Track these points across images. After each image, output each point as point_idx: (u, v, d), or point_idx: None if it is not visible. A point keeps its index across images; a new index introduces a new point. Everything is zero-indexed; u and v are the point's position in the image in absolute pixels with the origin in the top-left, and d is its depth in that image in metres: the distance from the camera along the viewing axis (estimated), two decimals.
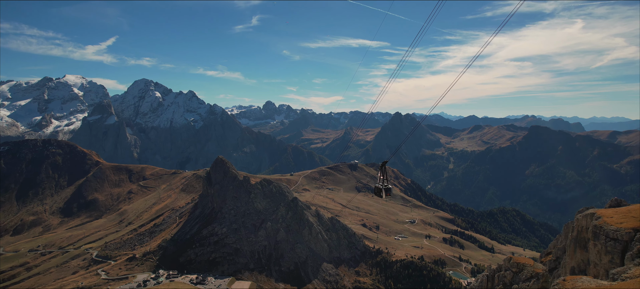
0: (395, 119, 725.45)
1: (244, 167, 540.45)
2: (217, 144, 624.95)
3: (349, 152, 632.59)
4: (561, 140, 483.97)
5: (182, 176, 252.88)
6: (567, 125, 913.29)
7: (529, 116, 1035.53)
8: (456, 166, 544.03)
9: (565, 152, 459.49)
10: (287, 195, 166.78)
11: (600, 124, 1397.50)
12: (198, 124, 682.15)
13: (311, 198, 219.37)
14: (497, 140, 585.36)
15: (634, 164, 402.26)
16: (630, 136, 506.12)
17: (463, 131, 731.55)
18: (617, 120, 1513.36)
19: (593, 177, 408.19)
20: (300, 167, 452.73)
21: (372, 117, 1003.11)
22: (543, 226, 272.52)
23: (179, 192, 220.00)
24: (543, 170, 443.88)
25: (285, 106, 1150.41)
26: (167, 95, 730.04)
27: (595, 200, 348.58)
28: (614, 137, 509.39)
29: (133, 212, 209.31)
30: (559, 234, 57.24)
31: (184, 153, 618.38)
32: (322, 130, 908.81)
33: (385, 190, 35.70)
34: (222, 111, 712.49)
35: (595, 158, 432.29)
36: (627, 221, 44.91)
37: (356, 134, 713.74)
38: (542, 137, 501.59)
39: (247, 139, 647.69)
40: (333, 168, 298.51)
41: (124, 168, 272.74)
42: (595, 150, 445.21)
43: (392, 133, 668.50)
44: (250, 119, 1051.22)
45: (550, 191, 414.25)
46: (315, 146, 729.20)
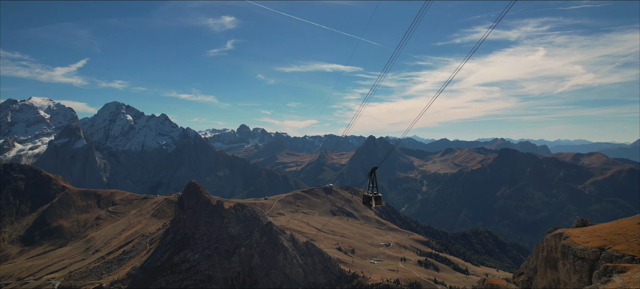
0: (369, 143, 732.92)
1: (218, 191, 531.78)
2: (190, 168, 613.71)
3: (324, 175, 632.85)
4: (529, 162, 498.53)
5: (154, 200, 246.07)
6: (535, 147, 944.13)
7: (498, 138, 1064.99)
8: (429, 188, 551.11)
9: (534, 174, 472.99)
10: (262, 219, 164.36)
11: (564, 146, 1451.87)
12: (170, 147, 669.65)
13: (286, 222, 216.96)
14: (469, 162, 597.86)
15: (596, 185, 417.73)
16: (592, 157, 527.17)
17: (435, 154, 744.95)
18: (579, 142, 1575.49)
19: (560, 198, 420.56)
20: (274, 191, 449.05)
21: (347, 141, 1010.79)
22: (515, 247, 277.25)
23: (150, 218, 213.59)
24: (513, 191, 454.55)
25: (259, 130, 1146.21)
26: (139, 118, 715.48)
27: (563, 220, 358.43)
28: (577, 159, 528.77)
29: (101, 239, 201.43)
30: (530, 255, 58.20)
31: (155, 177, 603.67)
32: (296, 153, 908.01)
33: (375, 198, 34.47)
34: (195, 134, 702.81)
35: (561, 179, 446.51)
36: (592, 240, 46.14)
37: (331, 158, 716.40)
38: (511, 160, 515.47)
39: (220, 163, 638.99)
40: (308, 192, 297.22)
41: (92, 193, 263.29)
42: (560, 172, 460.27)
43: (367, 156, 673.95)
44: (224, 142, 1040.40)
45: (520, 212, 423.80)
46: (290, 169, 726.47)
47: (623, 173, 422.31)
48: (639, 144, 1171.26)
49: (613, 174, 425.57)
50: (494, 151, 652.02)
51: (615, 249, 42.96)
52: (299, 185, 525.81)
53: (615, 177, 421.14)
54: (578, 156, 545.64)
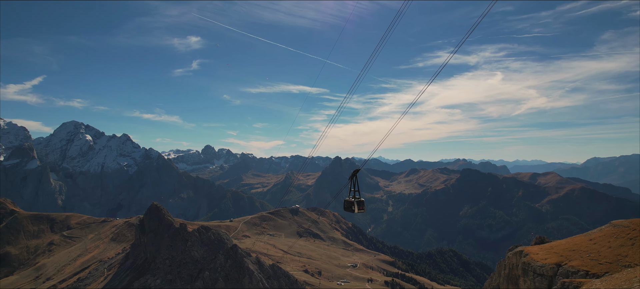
0: (336, 163, 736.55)
1: (181, 213, 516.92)
2: (152, 190, 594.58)
3: (290, 196, 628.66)
4: (490, 182, 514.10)
5: (113, 224, 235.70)
6: (495, 168, 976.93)
7: (460, 159, 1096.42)
8: (395, 208, 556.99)
9: (494, 194, 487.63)
10: (226, 242, 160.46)
11: (522, 166, 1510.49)
12: (132, 168, 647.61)
13: (251, 245, 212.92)
14: (433, 183, 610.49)
15: (552, 203, 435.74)
16: (548, 177, 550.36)
17: (400, 175, 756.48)
18: (536, 163, 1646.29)
19: (519, 217, 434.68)
20: (240, 213, 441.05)
21: (313, 162, 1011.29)
22: (478, 265, 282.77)
23: (109, 242, 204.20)
24: (475, 211, 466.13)
25: (225, 150, 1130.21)
26: (99, 138, 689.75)
27: (523, 238, 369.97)
28: (534, 179, 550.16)
29: (53, 266, 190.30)
30: (493, 273, 59.30)
31: (115, 200, 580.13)
32: (262, 174, 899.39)
33: (358, 203, 32.70)
34: (158, 155, 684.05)
35: (520, 198, 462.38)
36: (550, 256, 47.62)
37: (297, 178, 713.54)
38: (473, 180, 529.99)
39: (184, 184, 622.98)
40: (274, 213, 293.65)
41: (44, 217, 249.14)
42: (519, 191, 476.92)
43: (333, 177, 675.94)
44: (189, 163, 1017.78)
45: (483, 231, 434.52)
46: (256, 190, 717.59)
47: (575, 192, 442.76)
48: (588, 164, 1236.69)
49: (567, 193, 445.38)
50: (457, 171, 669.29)
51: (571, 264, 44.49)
52: (265, 206, 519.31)
53: (568, 195, 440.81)
54: (535, 176, 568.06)
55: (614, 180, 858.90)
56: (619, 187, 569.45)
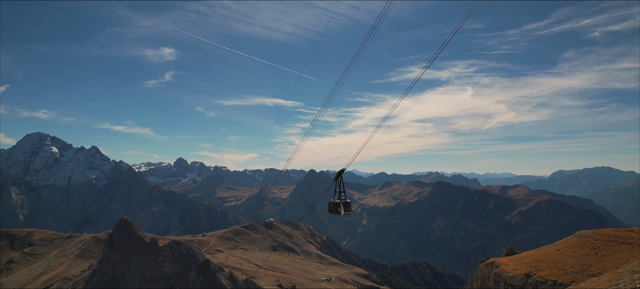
0: (310, 176, 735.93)
1: (152, 228, 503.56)
2: (122, 204, 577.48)
3: (264, 210, 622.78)
4: (462, 194, 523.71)
5: (79, 239, 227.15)
6: (466, 180, 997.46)
7: (433, 172, 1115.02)
8: (369, 221, 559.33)
9: (466, 206, 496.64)
10: (199, 257, 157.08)
11: (492, 179, 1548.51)
12: (101, 182, 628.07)
13: (224, 259, 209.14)
14: (406, 195, 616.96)
15: (522, 215, 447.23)
16: (517, 189, 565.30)
17: (374, 188, 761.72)
18: (506, 175, 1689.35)
19: (490, 228, 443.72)
20: (213, 227, 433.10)
21: (287, 175, 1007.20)
22: (451, 277, 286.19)
23: (74, 259, 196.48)
24: (448, 223, 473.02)
25: (198, 163, 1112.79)
26: (66, 150, 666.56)
27: (494, 249, 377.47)
28: (504, 191, 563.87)
29: (12, 285, 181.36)
30: (466, 284, 60.17)
31: (82, 214, 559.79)
32: (236, 188, 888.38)
33: (344, 205, 31.85)
34: (128, 168, 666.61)
35: (491, 211, 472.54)
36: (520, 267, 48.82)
37: (271, 192, 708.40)
38: (445, 192, 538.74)
39: (155, 198, 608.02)
40: (248, 227, 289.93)
41: (3, 233, 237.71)
42: (490, 203, 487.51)
43: (307, 190, 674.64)
44: (160, 176, 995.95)
45: (455, 243, 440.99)
46: (230, 204, 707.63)
47: (543, 203, 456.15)
48: (555, 176, 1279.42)
49: (535, 205, 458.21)
50: (430, 184, 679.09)
51: (540, 275, 45.73)
52: (238, 220, 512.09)
53: (536, 207, 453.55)
54: (505, 188, 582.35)
55: (578, 192, 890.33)
56: (583, 199, 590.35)
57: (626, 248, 47.54)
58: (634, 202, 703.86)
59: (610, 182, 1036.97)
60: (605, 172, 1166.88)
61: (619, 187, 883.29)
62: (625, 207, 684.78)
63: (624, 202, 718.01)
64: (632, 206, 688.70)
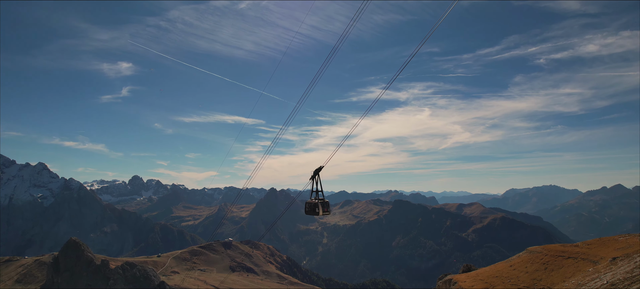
0: (271, 195, 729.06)
1: (104, 249, 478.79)
2: (71, 224, 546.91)
3: (223, 229, 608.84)
4: (420, 213, 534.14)
5: (20, 263, 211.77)
6: (424, 199, 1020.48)
7: (392, 190, 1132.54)
8: (330, 240, 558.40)
9: (424, 224, 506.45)
10: (153, 279, 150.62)
11: (449, 197, 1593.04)
12: (48, 200, 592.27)
13: (181, 281, 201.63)
14: (366, 214, 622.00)
15: (477, 232, 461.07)
16: (473, 207, 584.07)
17: (335, 206, 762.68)
18: (462, 194, 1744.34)
19: (448, 246, 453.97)
20: (169, 248, 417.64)
21: (247, 193, 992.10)
22: None
23: (13, 284, 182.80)
24: (407, 241, 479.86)
25: (154, 181, 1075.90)
26: (8, 167, 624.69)
27: (451, 266, 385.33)
28: (461, 209, 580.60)
29: None
30: None
31: (25, 236, 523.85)
32: (194, 207, 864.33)
33: (322, 205, 30.42)
34: (79, 186, 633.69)
35: (448, 228, 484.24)
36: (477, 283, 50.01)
37: (231, 211, 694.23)
38: (404, 211, 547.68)
39: (108, 217, 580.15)
40: (205, 247, 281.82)
41: None
42: (447, 221, 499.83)
43: (268, 209, 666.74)
44: (114, 195, 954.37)
45: (414, 261, 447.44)
46: (187, 223, 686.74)
47: (497, 221, 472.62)
48: (507, 194, 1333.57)
49: (489, 222, 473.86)
50: (389, 202, 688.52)
51: None
52: (196, 240, 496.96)
53: (491, 224, 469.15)
54: (461, 206, 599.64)
55: (529, 209, 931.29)
56: (533, 216, 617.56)
57: (572, 262, 50.03)
58: (578, 219, 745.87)
59: (557, 199, 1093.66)
60: (552, 191, 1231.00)
61: (564, 205, 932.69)
62: (571, 224, 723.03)
63: (569, 219, 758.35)
64: (576, 222, 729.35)
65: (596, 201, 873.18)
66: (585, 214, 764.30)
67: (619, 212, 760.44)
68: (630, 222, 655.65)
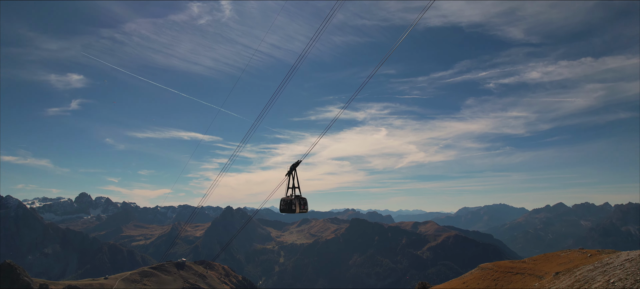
0: (227, 213, 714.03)
1: (44, 272, 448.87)
2: (7, 246, 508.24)
3: (176, 249, 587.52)
4: (377, 231, 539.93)
5: None
6: (381, 217, 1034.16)
7: (349, 209, 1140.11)
8: (287, 259, 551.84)
9: (381, 242, 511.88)
10: None
11: (405, 216, 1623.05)
12: None
13: None
14: (323, 232, 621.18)
15: (432, 250, 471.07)
16: (427, 225, 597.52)
17: (292, 225, 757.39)
18: (417, 212, 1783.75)
19: (403, 264, 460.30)
20: (118, 269, 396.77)
21: (203, 212, 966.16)
22: None
23: None
24: (364, 259, 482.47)
25: (103, 199, 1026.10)
26: None
27: (407, 284, 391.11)
28: (416, 227, 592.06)
29: None
30: None
31: None
32: (146, 225, 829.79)
33: (299, 201, 29.04)
34: (18, 204, 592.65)
35: (404, 246, 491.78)
36: None
37: (185, 230, 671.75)
38: (361, 229, 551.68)
39: (50, 237, 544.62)
40: (157, 268, 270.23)
41: None
42: (403, 239, 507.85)
43: (223, 228, 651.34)
44: (58, 213, 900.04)
45: (371, 279, 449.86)
46: (138, 243, 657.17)
47: (451, 239, 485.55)
48: (460, 213, 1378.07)
49: (443, 240, 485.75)
50: (346, 221, 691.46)
51: None
52: (147, 261, 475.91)
53: (445, 242, 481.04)
54: (416, 225, 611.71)
55: (480, 227, 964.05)
56: (484, 234, 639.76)
57: (519, 278, 52.00)
58: (525, 236, 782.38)
59: (506, 217, 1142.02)
60: (502, 209, 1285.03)
61: (513, 222, 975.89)
62: (518, 241, 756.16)
63: (517, 236, 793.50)
64: (523, 239, 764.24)
65: (541, 218, 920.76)
66: (532, 231, 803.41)
67: (561, 229, 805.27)
68: (571, 238, 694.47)
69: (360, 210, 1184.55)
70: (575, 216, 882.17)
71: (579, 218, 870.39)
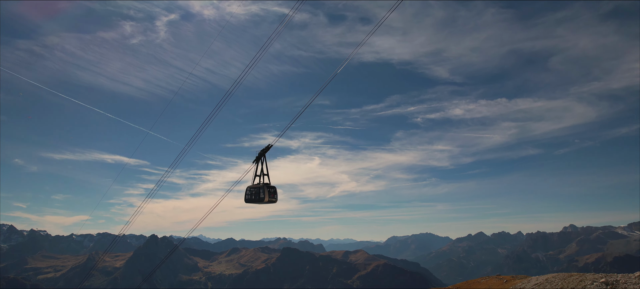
0: (151, 242, 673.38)
1: None
2: None
3: (92, 281, 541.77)
4: (308, 260, 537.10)
5: None
6: (312, 246, 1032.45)
7: (281, 238, 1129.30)
8: None
9: (312, 271, 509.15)
10: None
11: (336, 244, 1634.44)
12: None
13: None
14: (254, 262, 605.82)
15: (362, 279, 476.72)
16: (358, 255, 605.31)
17: (221, 254, 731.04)
18: (348, 241, 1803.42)
19: None
20: None
21: (124, 240, 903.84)
22: None
23: None
24: None
25: (6, 227, 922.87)
26: None
27: None
28: (346, 256, 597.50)
29: None
30: None
31: None
32: (57, 256, 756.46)
33: (268, 189, 26.65)
34: None
35: (335, 275, 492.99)
36: None
37: (103, 260, 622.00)
38: (292, 258, 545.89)
39: None
40: None
41: None
42: (334, 268, 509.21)
43: (146, 257, 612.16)
44: None
45: None
46: (46, 276, 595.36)
47: (380, 267, 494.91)
48: (389, 242, 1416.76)
49: (373, 269, 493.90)
50: (277, 250, 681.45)
51: None
52: None
53: (374, 271, 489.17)
54: (347, 253, 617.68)
55: (408, 256, 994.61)
56: (412, 262, 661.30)
57: None
58: (449, 264, 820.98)
59: (431, 246, 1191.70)
60: (428, 238, 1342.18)
61: (438, 251, 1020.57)
62: (443, 269, 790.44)
63: (442, 264, 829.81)
64: (448, 267, 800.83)
65: (463, 247, 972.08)
66: (455, 260, 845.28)
67: (481, 256, 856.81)
68: (490, 265, 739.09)
69: (291, 239, 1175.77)
70: (494, 245, 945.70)
71: (497, 246, 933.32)
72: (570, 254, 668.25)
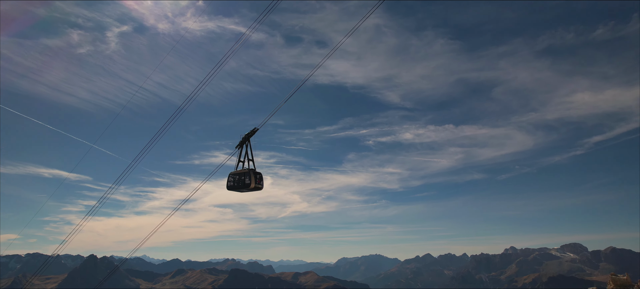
0: (89, 263, 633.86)
1: None
2: None
3: None
4: (257, 282, 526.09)
5: None
6: (262, 267, 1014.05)
7: (229, 259, 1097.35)
8: None
9: None
10: None
11: (286, 266, 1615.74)
12: None
13: None
14: (200, 284, 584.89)
15: None
16: (307, 276, 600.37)
17: (165, 276, 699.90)
18: (298, 262, 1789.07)
19: None
20: None
21: (58, 261, 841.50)
22: None
23: None
24: None
25: None
26: None
27: None
28: (296, 278, 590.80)
29: None
30: None
31: None
32: None
33: (254, 175, 25.41)
34: None
35: None
36: None
37: (31, 283, 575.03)
38: (241, 280, 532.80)
39: None
40: None
41: None
42: None
43: (83, 280, 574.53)
44: None
45: None
46: None
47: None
48: (339, 263, 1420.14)
49: None
50: (225, 271, 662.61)
51: None
52: None
53: None
54: (297, 275, 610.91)
55: (358, 277, 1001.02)
56: (361, 284, 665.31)
57: None
58: (397, 285, 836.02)
59: (380, 268, 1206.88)
60: (377, 259, 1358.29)
61: (387, 272, 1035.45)
62: None
63: (391, 285, 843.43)
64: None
65: (411, 268, 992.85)
66: (403, 281, 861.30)
67: (428, 278, 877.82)
68: (436, 287, 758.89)
69: (240, 260, 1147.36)
70: (440, 266, 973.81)
71: (443, 268, 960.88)
72: (511, 275, 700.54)
